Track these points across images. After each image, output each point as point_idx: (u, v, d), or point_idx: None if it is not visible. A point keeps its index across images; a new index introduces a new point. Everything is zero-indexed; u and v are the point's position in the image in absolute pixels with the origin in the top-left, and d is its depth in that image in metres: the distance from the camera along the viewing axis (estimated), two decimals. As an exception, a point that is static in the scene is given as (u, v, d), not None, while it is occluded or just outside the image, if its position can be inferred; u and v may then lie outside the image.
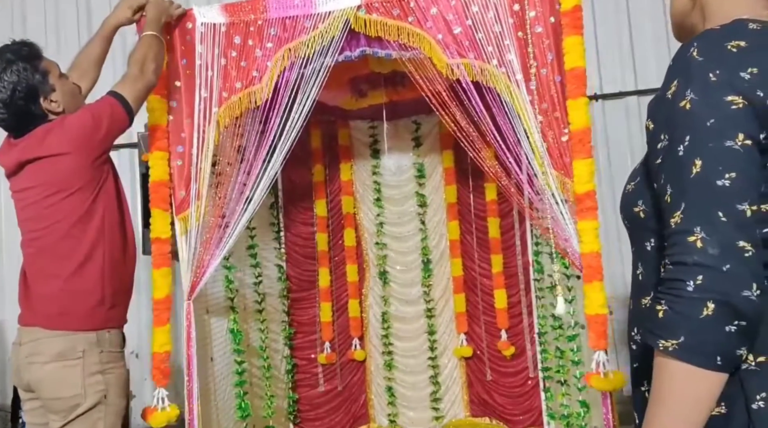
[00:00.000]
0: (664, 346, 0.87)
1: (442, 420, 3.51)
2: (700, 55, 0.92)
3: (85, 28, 4.72)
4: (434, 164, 3.57)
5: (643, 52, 4.25)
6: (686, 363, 0.86)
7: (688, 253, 0.86)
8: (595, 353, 1.96)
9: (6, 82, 1.87)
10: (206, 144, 2.28)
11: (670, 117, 0.93)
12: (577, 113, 1.97)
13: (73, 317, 1.86)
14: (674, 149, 0.91)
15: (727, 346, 0.85)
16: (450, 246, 3.52)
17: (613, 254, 3.56)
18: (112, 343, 1.94)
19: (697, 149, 0.88)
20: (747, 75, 0.88)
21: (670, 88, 0.94)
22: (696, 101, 0.90)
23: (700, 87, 0.90)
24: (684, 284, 0.86)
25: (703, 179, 0.87)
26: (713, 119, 0.88)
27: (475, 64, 2.08)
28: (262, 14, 2.23)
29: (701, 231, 0.86)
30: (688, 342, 0.85)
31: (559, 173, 2.04)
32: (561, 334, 2.77)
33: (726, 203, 0.86)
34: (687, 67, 0.93)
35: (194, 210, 2.30)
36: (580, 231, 1.98)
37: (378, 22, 2.15)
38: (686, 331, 0.85)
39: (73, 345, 1.85)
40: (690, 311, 0.85)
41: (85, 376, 1.84)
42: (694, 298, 0.85)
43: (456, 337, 3.52)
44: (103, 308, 1.91)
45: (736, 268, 0.84)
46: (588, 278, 1.96)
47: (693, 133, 0.89)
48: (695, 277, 0.85)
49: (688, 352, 0.85)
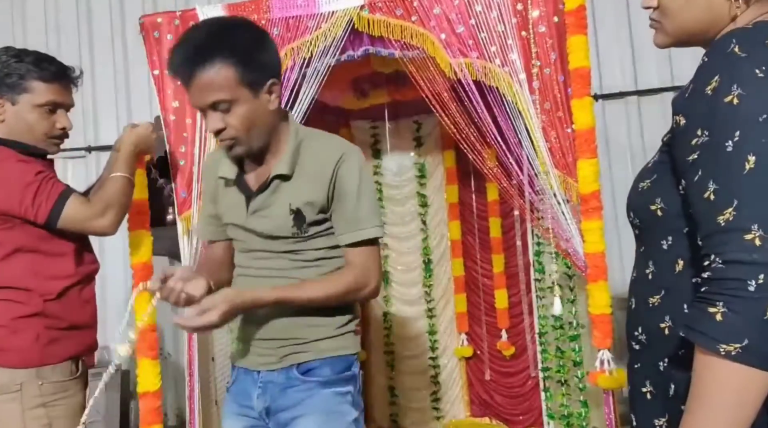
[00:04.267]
0: (726, 350, 0.83)
1: (443, 420, 3.51)
2: (743, 52, 0.90)
3: (85, 28, 4.72)
4: (435, 164, 3.57)
5: (643, 52, 4.26)
6: (749, 366, 0.82)
7: (745, 251, 0.83)
8: (600, 352, 1.97)
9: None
10: (208, 144, 2.27)
11: (711, 112, 0.90)
12: (582, 113, 1.97)
13: (8, 353, 1.75)
14: (720, 144, 0.88)
15: None
16: (451, 246, 3.52)
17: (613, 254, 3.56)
18: (57, 374, 1.79)
19: (751, 145, 0.86)
20: None
21: (710, 83, 0.91)
22: (745, 97, 0.87)
23: (748, 83, 0.88)
24: (744, 284, 0.82)
25: (759, 175, 0.85)
26: (766, 115, 0.86)
27: (477, 64, 2.08)
28: (265, 14, 2.23)
29: (759, 228, 0.83)
30: (753, 345, 0.82)
31: (561, 173, 2.05)
32: (562, 334, 2.77)
33: None
34: (731, 63, 0.91)
35: (196, 210, 2.29)
36: (584, 231, 1.98)
37: (381, 21, 2.15)
38: (750, 334, 0.82)
39: (10, 379, 1.73)
40: (754, 312, 0.82)
41: (25, 410, 1.72)
42: (757, 298, 0.82)
43: (456, 337, 3.52)
44: (38, 344, 1.76)
45: None
46: (593, 278, 1.97)
47: (744, 128, 0.87)
48: (757, 276, 0.82)
49: (753, 355, 0.82)
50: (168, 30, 2.31)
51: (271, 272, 1.55)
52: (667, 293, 1.05)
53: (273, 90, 1.47)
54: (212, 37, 1.43)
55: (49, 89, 1.82)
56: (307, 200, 1.49)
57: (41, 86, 1.80)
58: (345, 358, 1.55)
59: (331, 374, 1.52)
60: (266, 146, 1.53)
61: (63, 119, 1.87)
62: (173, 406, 4.44)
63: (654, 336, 1.07)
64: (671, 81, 4.20)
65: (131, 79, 4.65)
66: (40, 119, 1.82)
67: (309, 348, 1.53)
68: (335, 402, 1.51)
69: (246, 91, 1.43)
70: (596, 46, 4.11)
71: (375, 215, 1.54)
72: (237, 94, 1.42)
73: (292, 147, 1.51)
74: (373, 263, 1.54)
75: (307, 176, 1.50)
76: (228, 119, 1.45)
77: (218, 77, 1.40)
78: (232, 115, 1.44)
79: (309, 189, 1.49)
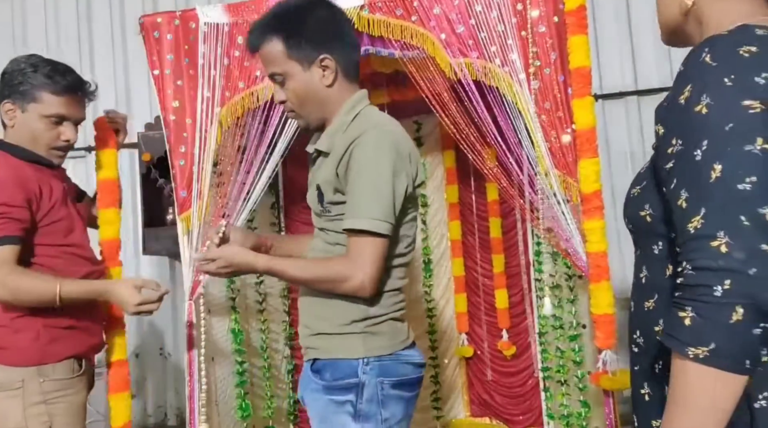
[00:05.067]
0: (694, 353, 0.85)
1: (443, 420, 3.51)
2: (714, 61, 0.92)
3: (85, 28, 4.72)
4: (435, 164, 3.56)
5: (643, 52, 4.26)
6: (717, 369, 0.84)
7: (712, 258, 0.85)
8: (603, 352, 1.97)
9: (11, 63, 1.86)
10: (208, 144, 2.28)
11: (684, 122, 0.93)
12: (583, 113, 1.98)
13: (8, 352, 1.77)
14: (690, 153, 0.90)
15: (755, 349, 0.85)
16: (451, 246, 3.52)
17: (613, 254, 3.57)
18: (59, 372, 1.81)
19: (716, 154, 0.88)
20: (761, 80, 0.89)
21: (683, 93, 0.93)
22: (713, 106, 0.89)
23: (716, 92, 0.90)
24: (711, 290, 0.84)
25: (724, 183, 0.87)
26: (732, 124, 0.88)
27: (477, 64, 2.09)
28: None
29: (725, 235, 0.85)
30: (720, 348, 0.84)
31: (562, 173, 2.05)
32: (562, 334, 2.77)
33: (748, 207, 0.85)
34: (701, 73, 0.92)
35: (196, 210, 2.30)
36: (586, 231, 1.98)
37: (381, 21, 2.16)
38: (717, 337, 0.84)
39: (11, 376, 1.75)
40: (720, 317, 0.84)
41: (26, 407, 1.74)
42: (723, 303, 0.83)
43: (457, 337, 3.52)
44: (38, 343, 1.78)
45: (762, 271, 0.83)
46: (595, 278, 1.97)
47: (711, 137, 0.88)
48: (722, 282, 0.84)
49: (720, 358, 0.84)
50: (168, 30, 2.32)
51: (312, 248, 1.59)
52: (660, 297, 1.06)
53: (327, 65, 1.48)
54: (272, 13, 1.51)
55: (58, 102, 1.85)
56: (325, 178, 1.49)
57: (50, 98, 1.84)
58: (347, 362, 1.44)
59: (332, 378, 1.45)
60: (324, 121, 1.55)
61: (68, 131, 1.89)
62: (173, 406, 4.44)
63: (650, 338, 1.07)
64: (671, 81, 4.13)
65: (131, 79, 4.65)
66: (45, 129, 1.85)
67: (316, 344, 1.50)
68: (331, 411, 1.46)
69: (296, 64, 1.48)
70: (596, 46, 4.11)
71: (375, 205, 1.39)
72: (286, 67, 1.48)
73: (337, 124, 1.51)
74: (364, 257, 1.39)
75: (334, 153, 1.48)
76: (286, 92, 1.51)
77: (270, 51, 1.48)
78: (287, 88, 1.51)
79: (329, 166, 1.49)
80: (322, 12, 1.50)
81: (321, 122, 1.55)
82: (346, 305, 1.45)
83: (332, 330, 1.47)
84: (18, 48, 4.66)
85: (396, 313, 1.50)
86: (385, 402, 1.44)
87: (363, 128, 1.45)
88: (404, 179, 1.44)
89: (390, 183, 1.41)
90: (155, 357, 4.51)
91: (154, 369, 4.51)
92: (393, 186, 1.41)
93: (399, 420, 1.47)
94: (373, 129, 1.45)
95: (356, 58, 1.56)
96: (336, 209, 1.49)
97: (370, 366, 1.44)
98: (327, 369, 1.47)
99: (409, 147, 1.50)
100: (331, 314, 1.47)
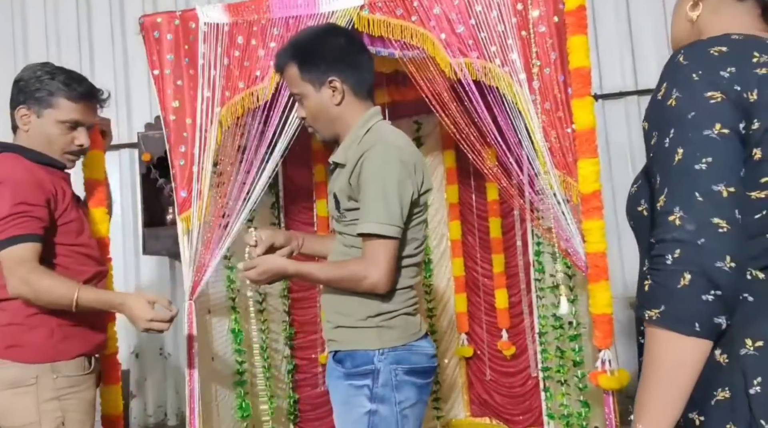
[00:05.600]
0: (648, 315, 0.95)
1: (443, 420, 3.51)
2: (686, 60, 1.02)
3: (85, 28, 4.72)
4: (435, 164, 3.56)
5: (643, 52, 4.26)
6: (668, 330, 0.94)
7: (668, 231, 0.95)
8: (602, 351, 1.97)
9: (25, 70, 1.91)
10: (208, 144, 2.28)
11: (659, 115, 1.03)
12: (582, 113, 1.98)
13: (23, 349, 1.80)
14: (662, 141, 1.01)
15: (703, 313, 0.92)
16: (451, 246, 3.52)
17: (613, 254, 3.57)
18: (71, 369, 1.85)
19: (680, 140, 0.98)
20: (726, 74, 0.98)
21: (660, 90, 1.04)
22: (680, 98, 0.99)
23: (683, 86, 1.00)
24: (663, 259, 0.94)
25: (683, 165, 0.96)
26: (694, 112, 0.97)
27: (477, 64, 2.09)
28: (265, 14, 2.24)
29: (680, 210, 0.94)
30: (668, 310, 0.93)
31: (562, 173, 2.05)
32: (562, 334, 2.77)
33: (702, 185, 0.94)
34: (674, 71, 1.03)
35: (196, 210, 2.30)
36: (585, 231, 1.98)
37: (381, 21, 2.16)
38: (666, 300, 0.94)
39: (24, 373, 1.78)
40: (669, 282, 0.93)
41: (40, 403, 1.77)
42: (672, 270, 0.93)
43: (457, 337, 3.52)
44: (52, 340, 1.82)
45: (710, 242, 0.91)
46: (594, 278, 1.97)
47: (676, 126, 0.99)
48: (673, 251, 0.93)
49: (669, 320, 0.93)
50: (168, 30, 2.31)
51: (333, 251, 1.77)
52: None
53: (335, 86, 1.66)
54: (292, 41, 1.75)
55: (74, 108, 1.90)
56: (340, 187, 1.67)
57: (67, 104, 1.89)
58: (365, 353, 1.61)
59: (351, 366, 1.62)
60: (337, 135, 1.73)
61: (82, 136, 1.95)
62: (173, 406, 4.44)
63: None
64: (671, 81, 4.20)
65: (131, 79, 4.65)
66: (60, 134, 1.91)
67: (337, 337, 1.68)
68: (350, 394, 1.62)
69: (309, 85, 1.68)
70: (596, 46, 4.11)
71: (383, 211, 1.56)
72: (302, 88, 1.69)
73: (351, 138, 1.68)
74: (377, 258, 1.57)
75: (348, 164, 1.66)
76: (304, 110, 1.72)
77: (289, 74, 1.70)
78: (304, 106, 1.71)
79: (344, 176, 1.66)
80: (332, 39, 1.70)
81: (334, 136, 1.74)
82: (362, 301, 1.62)
83: (351, 323, 1.64)
84: (18, 48, 4.66)
85: (408, 308, 1.67)
86: (399, 387, 1.60)
87: (372, 143, 1.62)
88: (410, 187, 1.60)
89: (396, 191, 1.58)
90: (155, 357, 4.51)
91: (154, 369, 4.51)
92: (399, 193, 1.58)
93: (413, 403, 1.63)
94: (380, 144, 1.61)
95: (368, 78, 1.73)
96: (350, 215, 1.66)
97: (384, 356, 1.61)
98: (347, 359, 1.64)
99: (414, 159, 1.65)
100: (349, 311, 1.64)
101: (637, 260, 1.18)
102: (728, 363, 0.97)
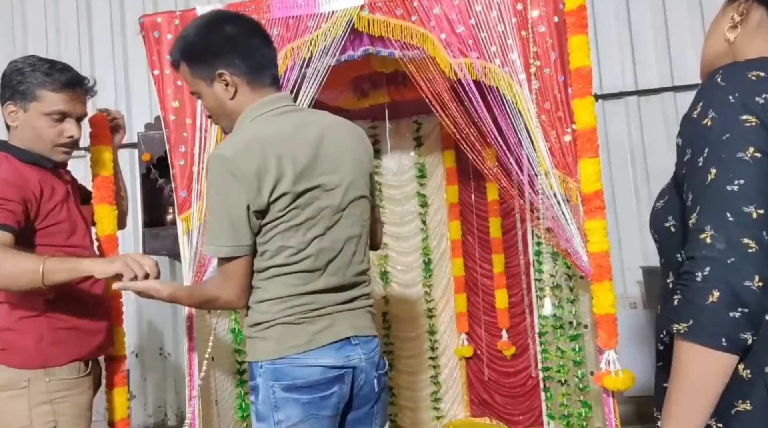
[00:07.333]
0: (677, 329, 0.99)
1: (443, 420, 3.51)
2: (724, 81, 1.06)
3: (85, 28, 4.72)
4: (435, 164, 3.57)
5: (643, 52, 4.26)
6: (696, 344, 0.97)
7: (698, 248, 0.99)
8: (606, 352, 1.96)
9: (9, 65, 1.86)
10: (208, 144, 2.27)
11: (694, 133, 1.07)
12: (584, 113, 1.97)
13: (13, 354, 1.77)
14: (696, 160, 1.05)
15: (730, 329, 0.95)
16: (451, 246, 3.52)
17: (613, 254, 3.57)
18: (65, 372, 1.82)
19: (713, 160, 1.02)
20: (761, 100, 1.01)
21: (697, 108, 1.08)
22: (716, 119, 1.03)
23: (719, 107, 1.04)
24: (693, 276, 0.98)
25: (716, 185, 1.00)
26: (728, 134, 1.01)
27: (477, 64, 2.08)
28: (265, 14, 2.23)
29: (711, 229, 0.98)
30: (696, 325, 0.97)
31: (562, 173, 2.05)
32: (562, 334, 2.77)
33: (733, 205, 0.98)
34: (712, 91, 1.07)
35: (196, 210, 2.29)
36: (588, 231, 1.98)
37: (381, 21, 2.15)
38: (694, 315, 0.97)
39: (17, 376, 1.75)
40: (698, 298, 0.97)
41: (32, 407, 1.74)
42: (701, 287, 0.97)
43: (457, 337, 3.52)
44: (42, 345, 1.79)
45: (739, 261, 0.95)
46: (597, 278, 1.97)
47: (711, 146, 1.03)
48: (703, 269, 0.97)
49: (696, 334, 0.97)
50: (168, 30, 2.31)
51: None
52: None
53: (225, 80, 1.56)
54: (177, 40, 1.64)
55: (58, 98, 1.85)
56: None
57: (50, 95, 1.84)
58: (252, 365, 1.53)
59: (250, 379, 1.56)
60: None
61: (71, 127, 1.90)
62: (173, 406, 4.44)
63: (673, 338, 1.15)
64: (671, 81, 4.20)
65: (131, 79, 4.65)
66: (47, 126, 1.86)
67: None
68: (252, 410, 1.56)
69: (201, 83, 1.59)
70: (596, 46, 4.11)
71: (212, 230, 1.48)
72: (196, 86, 1.61)
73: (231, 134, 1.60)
74: (224, 276, 1.50)
75: None
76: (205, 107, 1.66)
77: (182, 73, 1.63)
78: (203, 104, 1.65)
79: None
80: (216, 28, 1.57)
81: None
82: (250, 311, 1.56)
83: (246, 333, 1.58)
84: (18, 47, 4.67)
85: (288, 317, 1.50)
86: (278, 405, 1.47)
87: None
88: (241, 199, 1.43)
89: (223, 208, 1.45)
90: (155, 357, 4.51)
91: (154, 369, 4.51)
92: (227, 211, 1.45)
93: (295, 423, 1.47)
94: (212, 156, 1.48)
95: (265, 63, 1.58)
96: None
97: (263, 370, 1.50)
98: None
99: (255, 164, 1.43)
100: (247, 319, 1.57)
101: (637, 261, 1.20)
102: (751, 377, 1.02)
